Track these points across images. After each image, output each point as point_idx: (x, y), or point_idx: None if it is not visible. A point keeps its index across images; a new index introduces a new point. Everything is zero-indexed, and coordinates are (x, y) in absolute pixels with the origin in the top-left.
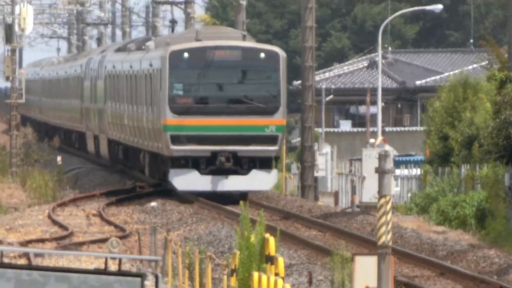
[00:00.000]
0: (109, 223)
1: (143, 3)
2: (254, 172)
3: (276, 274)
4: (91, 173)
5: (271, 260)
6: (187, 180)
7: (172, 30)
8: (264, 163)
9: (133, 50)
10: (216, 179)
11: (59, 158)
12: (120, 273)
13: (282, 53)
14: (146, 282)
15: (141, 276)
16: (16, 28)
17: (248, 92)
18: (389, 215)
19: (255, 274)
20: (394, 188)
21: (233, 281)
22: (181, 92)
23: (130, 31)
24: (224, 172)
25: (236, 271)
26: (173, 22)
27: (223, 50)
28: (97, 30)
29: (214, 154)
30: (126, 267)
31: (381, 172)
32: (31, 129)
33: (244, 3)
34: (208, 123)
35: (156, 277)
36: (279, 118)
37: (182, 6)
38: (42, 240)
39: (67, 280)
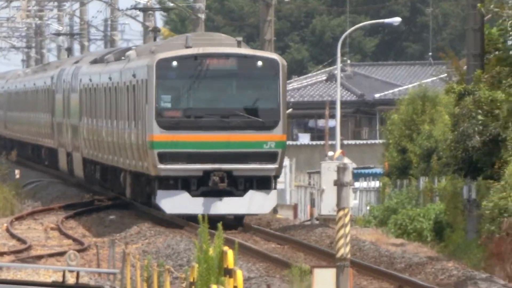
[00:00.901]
0: (68, 236)
1: (101, 17)
2: (251, 193)
3: (235, 287)
4: (49, 186)
5: (229, 273)
6: (176, 203)
7: (154, 39)
8: (262, 183)
9: (112, 61)
10: (209, 201)
11: (17, 172)
12: (78, 286)
13: (282, 61)
14: None
15: None
16: None
17: (244, 104)
18: (348, 228)
19: (214, 287)
20: (353, 201)
21: None
22: (169, 105)
23: (89, 44)
24: (218, 193)
25: (195, 284)
26: (156, 30)
27: (217, 58)
28: (55, 44)
29: (207, 173)
30: (84, 280)
31: (339, 185)
32: None
33: (202, 16)
34: (199, 139)
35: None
36: (279, 133)
37: (141, 19)
38: (0, 254)
39: None
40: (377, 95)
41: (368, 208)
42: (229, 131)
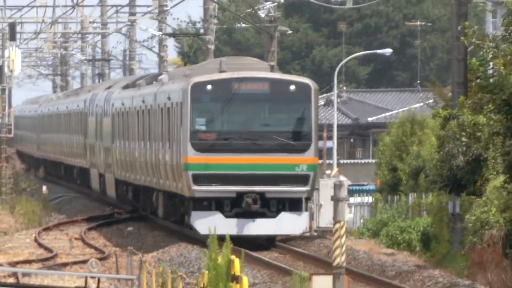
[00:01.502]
0: (90, 246)
1: (120, 47)
2: (283, 215)
3: None
4: (74, 200)
5: (236, 279)
6: (210, 224)
7: (185, 64)
8: (294, 205)
9: (144, 85)
10: (242, 223)
11: (44, 188)
12: None
13: (314, 85)
14: None
15: None
16: (6, 70)
17: (277, 127)
18: (343, 239)
19: None
20: (348, 215)
21: None
22: (203, 128)
23: (109, 72)
24: (251, 215)
25: None
26: (187, 55)
27: (250, 82)
28: (79, 72)
29: (240, 195)
30: (104, 285)
31: (336, 200)
32: (18, 161)
33: (212, 47)
34: (233, 161)
35: None
36: (311, 156)
37: (156, 50)
38: (29, 261)
39: None
40: (370, 119)
41: (362, 221)
42: (262, 153)
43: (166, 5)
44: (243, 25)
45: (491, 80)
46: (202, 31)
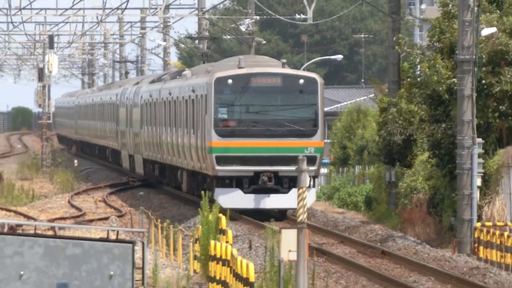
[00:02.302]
0: (110, 206)
1: (134, 53)
2: (294, 191)
3: (227, 242)
4: (98, 172)
5: (223, 232)
6: (231, 198)
7: (204, 62)
8: None
9: (169, 80)
10: (258, 198)
11: (75, 161)
12: (118, 241)
13: (320, 80)
14: (135, 247)
15: (133, 243)
16: (46, 71)
17: (288, 115)
18: (305, 201)
19: (212, 242)
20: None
21: (197, 247)
22: (225, 116)
23: (125, 72)
24: (266, 191)
25: (199, 240)
26: (205, 54)
27: (265, 76)
28: (103, 73)
29: (257, 174)
30: (122, 236)
31: (300, 171)
32: (56, 142)
33: (205, 48)
34: (251, 145)
35: (143, 244)
36: (318, 140)
37: (161, 55)
38: (64, 218)
39: (81, 245)
40: (326, 109)
41: (319, 187)
42: (275, 138)
43: (169, 21)
44: (228, 36)
45: (418, 79)
46: (196, 41)
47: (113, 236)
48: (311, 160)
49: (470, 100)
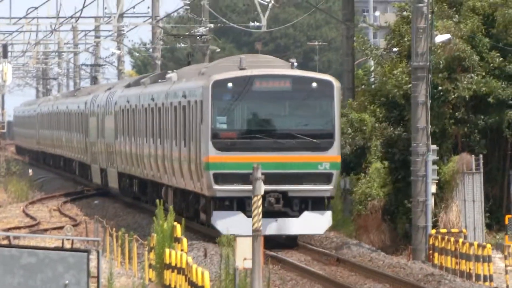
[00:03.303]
0: (65, 215)
1: (89, 62)
2: (306, 215)
3: (182, 250)
4: (53, 180)
5: (178, 240)
6: (232, 223)
7: (188, 63)
8: (317, 204)
9: (150, 84)
10: (264, 222)
11: (30, 171)
12: (72, 249)
13: (336, 83)
14: (90, 256)
15: (87, 252)
16: (0, 80)
17: (299, 125)
18: (260, 209)
19: (167, 250)
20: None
21: (152, 255)
22: (225, 126)
23: (80, 81)
24: (273, 214)
25: (154, 248)
26: (190, 55)
27: (272, 79)
28: (56, 82)
29: (262, 194)
30: (77, 246)
31: (254, 179)
32: (9, 152)
33: (159, 62)
34: (255, 160)
35: (98, 252)
36: (334, 154)
37: (115, 64)
38: (18, 228)
39: (36, 255)
40: None
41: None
42: (284, 152)
43: (123, 30)
44: (183, 45)
45: (372, 86)
46: (151, 50)
47: (68, 245)
48: (326, 178)
49: (425, 107)
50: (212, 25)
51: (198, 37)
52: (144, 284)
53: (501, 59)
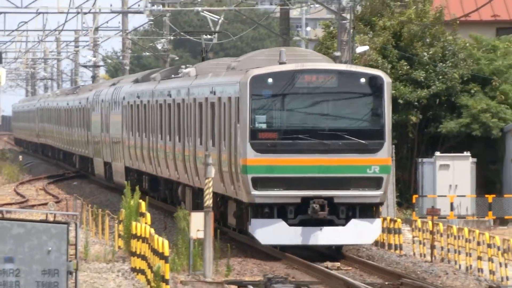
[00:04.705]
0: (50, 194)
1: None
2: (354, 222)
3: (146, 223)
4: (39, 165)
5: (143, 215)
6: (272, 233)
7: (203, 59)
8: (365, 211)
9: (163, 79)
10: (307, 231)
11: (20, 157)
12: (55, 222)
13: (386, 78)
14: (70, 228)
15: (67, 224)
16: None
17: (346, 125)
18: (211, 189)
19: (134, 223)
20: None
21: (121, 227)
22: (264, 126)
23: (62, 84)
24: (317, 222)
25: (123, 221)
26: (204, 50)
27: (315, 74)
28: (43, 84)
29: (306, 200)
30: (58, 219)
31: (206, 164)
32: (4, 141)
33: (127, 68)
34: (298, 163)
35: (76, 224)
36: (384, 157)
37: (91, 69)
38: (10, 204)
39: (24, 226)
40: None
41: None
42: (329, 154)
43: (99, 41)
44: (147, 53)
45: None
46: (121, 58)
47: (51, 218)
48: (375, 183)
49: None
50: (171, 37)
51: (160, 47)
52: (114, 250)
53: (408, 67)
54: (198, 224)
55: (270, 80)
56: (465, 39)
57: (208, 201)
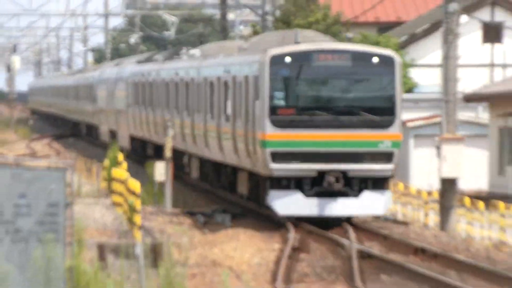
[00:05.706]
0: (53, 148)
1: (66, 55)
2: (366, 194)
3: (123, 169)
4: (45, 127)
5: (120, 164)
6: (290, 204)
7: (201, 43)
8: (377, 183)
9: (166, 60)
10: (323, 202)
11: (31, 121)
12: (56, 169)
13: (397, 58)
14: (67, 172)
15: (65, 169)
16: (12, 66)
17: (359, 102)
18: (170, 143)
19: (114, 169)
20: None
21: (105, 172)
22: (283, 102)
23: (61, 67)
24: (332, 194)
25: (106, 168)
26: (202, 36)
27: (331, 54)
28: (47, 67)
29: (321, 173)
30: (59, 165)
31: (166, 127)
32: (19, 109)
33: (109, 56)
34: (314, 138)
35: (72, 170)
36: (395, 132)
37: (82, 57)
38: (24, 155)
39: (33, 171)
40: None
41: None
42: (344, 129)
43: (88, 35)
44: (123, 45)
45: None
46: (104, 49)
47: (53, 166)
48: (386, 157)
49: None
50: (141, 33)
51: (133, 41)
52: (100, 189)
53: None
54: (161, 170)
55: (288, 59)
56: (356, 36)
57: (168, 152)
